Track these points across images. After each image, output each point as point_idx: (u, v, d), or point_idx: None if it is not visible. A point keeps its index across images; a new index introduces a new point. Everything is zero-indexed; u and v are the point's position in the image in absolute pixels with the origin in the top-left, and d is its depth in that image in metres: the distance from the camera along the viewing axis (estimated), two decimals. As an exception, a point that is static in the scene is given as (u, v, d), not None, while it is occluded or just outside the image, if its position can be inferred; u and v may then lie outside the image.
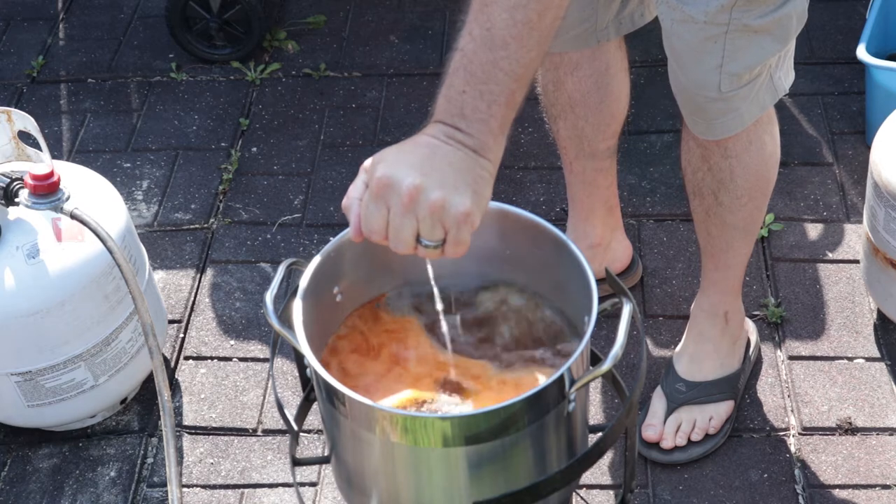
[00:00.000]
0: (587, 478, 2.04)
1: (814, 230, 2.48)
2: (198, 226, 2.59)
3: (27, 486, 2.11)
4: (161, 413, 1.84)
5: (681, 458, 2.08)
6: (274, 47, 3.06)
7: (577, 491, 1.97)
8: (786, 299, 2.34)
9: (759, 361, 2.23)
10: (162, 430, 1.96)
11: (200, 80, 2.98)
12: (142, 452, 2.15)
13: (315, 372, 1.33)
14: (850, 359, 2.23)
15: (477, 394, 1.40)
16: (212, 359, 2.31)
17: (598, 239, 2.27)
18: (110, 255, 1.83)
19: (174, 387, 2.26)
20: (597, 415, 2.15)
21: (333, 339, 1.49)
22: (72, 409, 2.08)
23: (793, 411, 2.15)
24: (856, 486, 2.03)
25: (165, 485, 2.08)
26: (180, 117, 2.87)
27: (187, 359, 2.31)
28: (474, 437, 1.30)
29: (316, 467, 2.10)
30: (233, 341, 2.34)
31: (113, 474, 2.12)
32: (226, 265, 2.50)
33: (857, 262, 2.39)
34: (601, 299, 1.35)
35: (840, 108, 2.76)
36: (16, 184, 1.88)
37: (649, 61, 2.88)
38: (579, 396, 1.36)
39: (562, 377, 1.30)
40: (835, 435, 2.11)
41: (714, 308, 2.10)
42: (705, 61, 1.73)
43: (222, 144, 2.79)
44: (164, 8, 2.96)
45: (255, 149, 2.77)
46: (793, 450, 2.09)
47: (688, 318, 2.17)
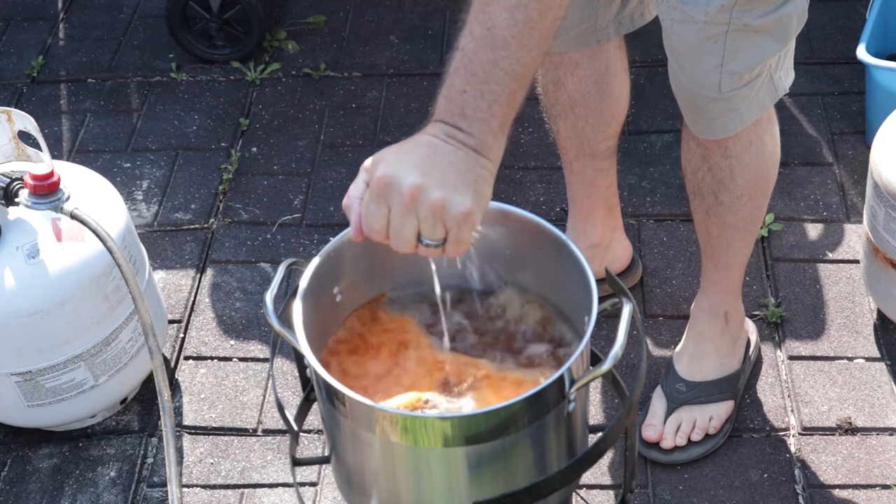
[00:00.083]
0: (587, 478, 2.04)
1: (814, 230, 2.48)
2: (198, 226, 2.59)
3: (27, 486, 2.11)
4: (161, 413, 1.84)
5: (681, 458, 2.08)
6: (274, 47, 3.06)
7: (577, 491, 1.97)
8: (786, 299, 2.34)
9: (759, 361, 2.23)
10: (162, 430, 1.96)
11: (200, 80, 2.98)
12: (142, 452, 2.15)
13: (315, 372, 1.33)
14: (850, 359, 2.23)
15: (477, 394, 1.40)
16: (212, 359, 2.31)
17: (598, 239, 2.27)
18: (110, 255, 1.83)
19: (174, 387, 2.25)
20: (597, 415, 2.15)
21: (333, 339, 1.48)
22: (72, 409, 2.08)
23: (793, 411, 2.15)
24: (856, 486, 2.03)
25: (165, 485, 2.08)
26: (180, 117, 2.87)
27: (187, 359, 2.31)
28: (474, 437, 1.30)
29: (316, 467, 2.09)
30: (233, 341, 2.34)
31: (113, 474, 2.12)
32: (226, 265, 2.50)
33: (857, 262, 2.38)
34: (601, 299, 1.35)
35: (840, 108, 2.76)
36: (16, 184, 1.88)
37: (649, 61, 2.88)
38: (579, 396, 1.36)
39: (562, 377, 1.30)
40: (835, 435, 2.11)
41: (714, 308, 2.10)
42: (705, 61, 1.73)
43: (222, 144, 2.79)
44: (164, 8, 2.96)
45: (255, 149, 2.77)
46: (793, 450, 2.09)
47: (688, 318, 2.17)
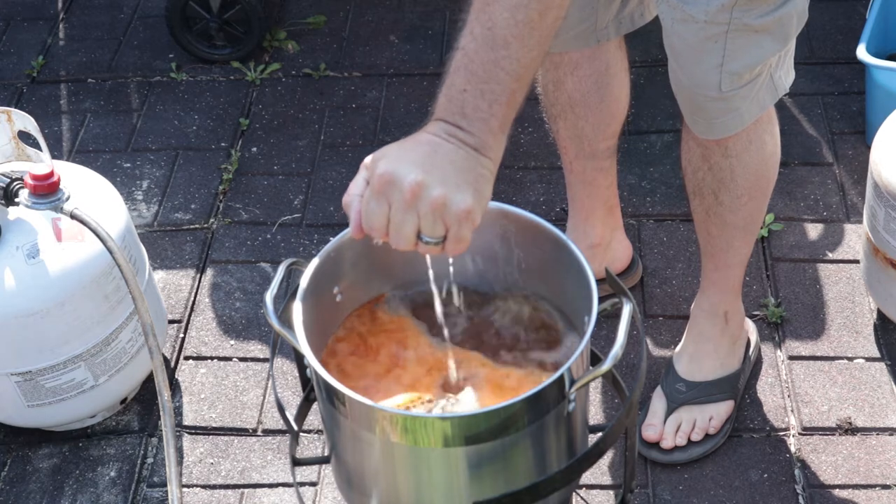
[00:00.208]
0: (587, 478, 2.04)
1: (814, 230, 2.48)
2: (198, 226, 2.59)
3: (27, 486, 2.11)
4: (161, 413, 1.84)
5: (681, 458, 2.07)
6: (274, 47, 3.06)
7: (577, 491, 1.96)
8: (786, 299, 2.34)
9: (759, 361, 2.23)
10: (162, 430, 1.96)
11: (200, 80, 2.98)
12: (142, 452, 2.15)
13: (315, 372, 1.33)
14: (850, 359, 2.23)
15: (477, 393, 1.40)
16: (212, 359, 2.31)
17: (598, 239, 2.27)
18: (110, 255, 1.83)
19: (174, 387, 2.25)
20: (597, 415, 2.15)
21: (332, 339, 1.48)
22: (72, 409, 2.08)
23: (793, 411, 2.15)
24: (856, 486, 2.03)
25: (165, 485, 2.08)
26: (180, 117, 2.87)
27: (187, 359, 2.31)
28: (474, 437, 1.29)
29: (316, 467, 2.09)
30: (233, 341, 2.34)
31: (113, 474, 2.12)
32: (226, 265, 2.50)
33: (857, 262, 2.38)
34: (601, 299, 1.35)
35: (840, 108, 2.76)
36: (16, 184, 1.88)
37: (649, 61, 2.88)
38: (579, 396, 1.36)
39: (562, 377, 1.30)
40: (835, 435, 2.11)
41: (714, 308, 2.10)
42: (706, 60, 1.73)
43: (222, 144, 2.79)
44: (164, 8, 2.96)
45: (255, 149, 2.77)
46: (793, 450, 2.09)
47: (688, 318, 2.17)
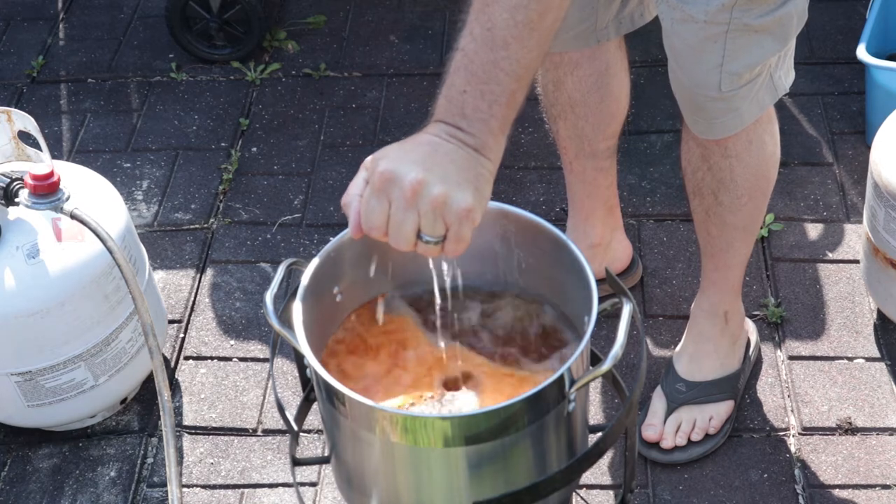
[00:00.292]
0: (587, 478, 2.04)
1: (814, 230, 2.48)
2: (198, 226, 2.59)
3: (27, 486, 2.11)
4: (161, 413, 1.84)
5: (681, 458, 2.07)
6: (274, 47, 3.06)
7: (577, 491, 1.96)
8: (786, 299, 2.34)
9: (759, 361, 2.23)
10: (162, 430, 1.96)
11: (200, 80, 2.98)
12: (142, 452, 2.15)
13: (315, 372, 1.33)
14: (850, 359, 2.23)
15: (477, 393, 1.40)
16: (212, 359, 2.31)
17: (598, 239, 2.27)
18: (110, 255, 1.83)
19: (174, 387, 2.25)
20: (597, 415, 2.15)
21: (332, 340, 1.48)
22: (72, 409, 2.08)
23: (793, 411, 2.15)
24: (856, 486, 2.03)
25: (165, 485, 2.08)
26: (180, 117, 2.87)
27: (187, 359, 2.31)
28: (474, 437, 1.29)
29: (316, 467, 2.09)
30: (233, 341, 2.34)
31: (113, 474, 2.12)
32: (226, 265, 2.50)
33: (857, 262, 2.38)
34: (601, 299, 1.35)
35: (840, 108, 2.76)
36: (16, 184, 1.88)
37: (649, 61, 2.88)
38: (579, 396, 1.36)
39: (562, 377, 1.30)
40: (835, 435, 2.11)
41: (714, 308, 2.10)
42: (705, 60, 1.73)
43: (222, 144, 2.79)
44: (164, 8, 2.96)
45: (255, 149, 2.77)
46: (793, 450, 2.09)
47: (688, 318, 2.17)
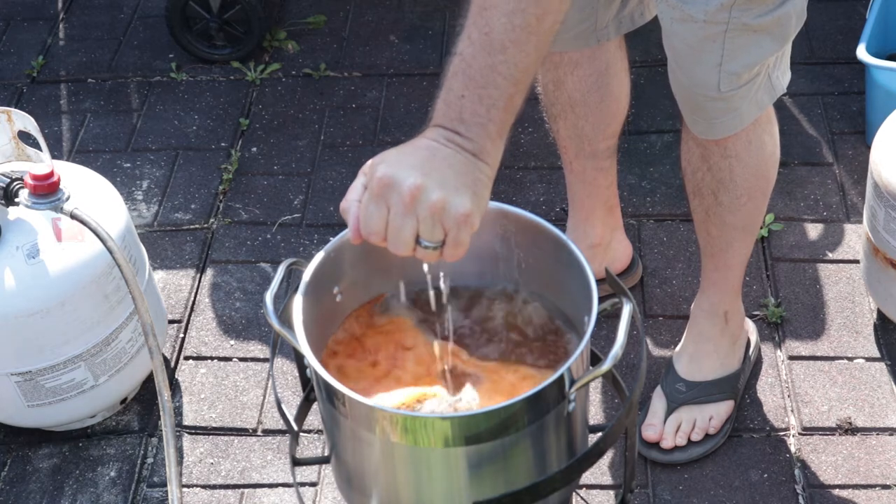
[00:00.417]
0: (587, 478, 2.04)
1: (814, 230, 2.48)
2: (198, 226, 2.59)
3: (27, 486, 2.11)
4: (161, 413, 1.84)
5: (681, 458, 2.07)
6: (274, 47, 3.06)
7: (577, 491, 1.96)
8: (786, 299, 2.34)
9: (759, 361, 2.23)
10: (162, 430, 1.96)
11: (200, 80, 2.98)
12: (142, 452, 2.15)
13: (315, 372, 1.33)
14: (850, 359, 2.23)
15: (476, 394, 1.40)
16: (212, 359, 2.31)
17: (598, 239, 2.27)
18: (110, 255, 1.83)
19: (174, 387, 2.25)
20: (597, 415, 2.15)
21: (332, 340, 1.48)
22: (72, 409, 2.08)
23: (793, 411, 2.15)
24: (856, 486, 2.03)
25: (165, 485, 2.08)
26: (180, 117, 2.87)
27: (187, 359, 2.31)
28: (474, 437, 1.29)
29: (316, 467, 2.09)
30: (233, 341, 2.34)
31: (113, 474, 2.12)
32: (226, 265, 2.50)
33: (857, 262, 2.38)
34: (601, 299, 1.35)
35: (840, 108, 2.76)
36: (16, 184, 1.88)
37: (649, 61, 2.88)
38: (579, 396, 1.36)
39: (562, 377, 1.30)
40: (835, 435, 2.11)
41: (714, 308, 2.10)
42: (705, 60, 1.73)
43: (222, 144, 2.79)
44: (164, 8, 2.96)
45: (255, 149, 2.77)
46: (793, 450, 2.09)
47: (688, 318, 2.17)
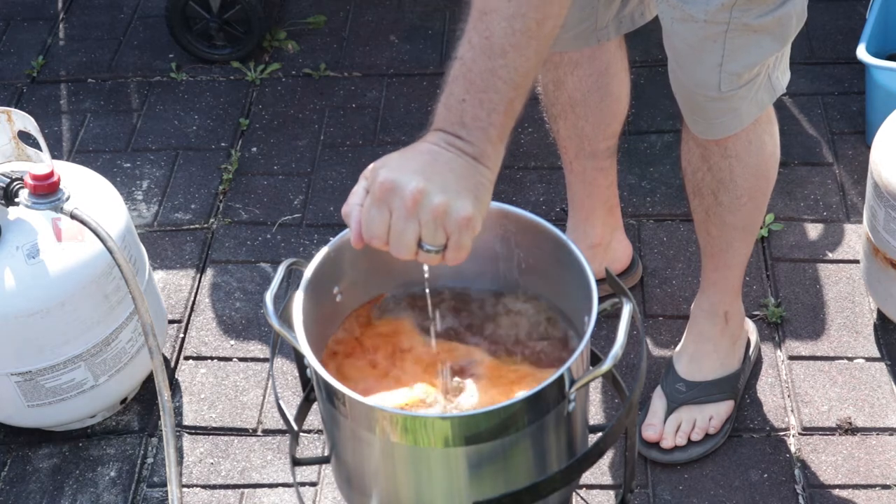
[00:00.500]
0: (587, 478, 2.04)
1: (814, 230, 2.48)
2: (198, 226, 2.59)
3: (27, 486, 2.11)
4: (161, 413, 1.84)
5: (681, 457, 2.07)
6: (274, 47, 3.06)
7: (577, 491, 1.96)
8: (786, 299, 2.34)
9: (759, 361, 2.23)
10: (162, 430, 1.96)
11: (200, 80, 2.98)
12: (142, 452, 2.15)
13: (315, 372, 1.33)
14: (850, 359, 2.23)
15: (476, 394, 1.40)
16: (212, 359, 2.31)
17: (598, 239, 2.27)
18: (110, 255, 1.83)
19: (174, 387, 2.25)
20: (597, 415, 2.15)
21: (332, 340, 1.48)
22: (72, 409, 2.08)
23: (793, 411, 2.15)
24: (856, 486, 2.03)
25: (165, 485, 2.08)
26: (180, 117, 2.87)
27: (187, 359, 2.31)
28: (474, 437, 1.30)
29: (316, 467, 2.09)
30: (233, 341, 2.34)
31: (113, 474, 2.12)
32: (226, 265, 2.50)
33: (857, 262, 2.38)
34: (601, 299, 1.35)
35: (840, 108, 2.76)
36: (16, 184, 1.88)
37: (649, 61, 2.88)
38: (579, 396, 1.36)
39: (562, 377, 1.30)
40: (835, 435, 2.11)
41: (714, 308, 2.10)
42: (705, 60, 1.73)
43: (222, 144, 2.79)
44: (164, 8, 2.96)
45: (255, 149, 2.77)
46: (793, 450, 2.09)
47: (688, 318, 2.17)
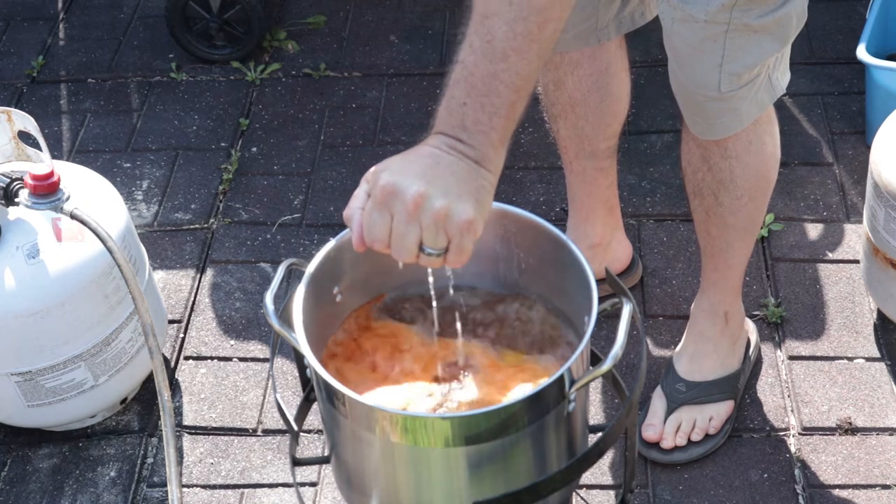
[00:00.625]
0: (587, 478, 2.04)
1: (814, 230, 2.48)
2: (198, 226, 2.59)
3: (27, 486, 2.11)
4: (161, 413, 1.84)
5: (681, 458, 2.07)
6: (274, 47, 3.06)
7: (577, 491, 1.97)
8: (786, 299, 2.34)
9: (759, 361, 2.23)
10: (162, 430, 1.96)
11: (200, 80, 2.98)
12: (142, 452, 2.15)
13: (315, 372, 1.33)
14: (850, 359, 2.23)
15: (476, 394, 1.40)
16: (212, 359, 2.31)
17: (598, 239, 2.27)
18: (110, 255, 1.83)
19: (174, 387, 2.25)
20: (597, 415, 2.15)
21: (332, 341, 1.48)
22: (72, 409, 2.08)
23: (793, 411, 2.15)
24: (856, 486, 2.03)
25: (165, 485, 2.08)
26: (180, 117, 2.87)
27: (187, 359, 2.31)
28: (474, 437, 1.30)
29: (316, 467, 2.09)
30: (233, 341, 2.34)
31: (113, 474, 2.12)
32: (226, 265, 2.50)
33: (857, 262, 2.38)
34: (601, 299, 1.35)
35: (840, 108, 2.76)
36: (16, 184, 1.88)
37: (649, 61, 2.88)
38: (579, 396, 1.36)
39: (562, 377, 1.30)
40: (835, 435, 2.11)
41: (714, 308, 2.10)
42: (705, 60, 1.73)
43: (222, 144, 2.79)
44: (164, 8, 2.96)
45: (255, 149, 2.77)
46: (793, 450, 2.09)
47: (688, 318, 2.17)
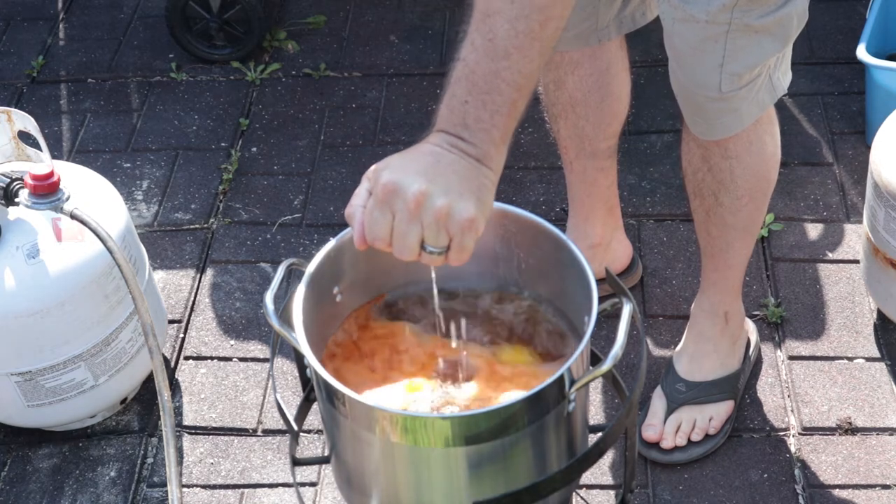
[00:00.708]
0: (587, 478, 2.04)
1: (814, 230, 2.48)
2: (198, 226, 2.59)
3: (27, 486, 2.11)
4: (161, 413, 1.84)
5: (681, 458, 2.07)
6: (274, 47, 3.06)
7: (577, 491, 1.96)
8: (786, 299, 2.34)
9: (759, 361, 2.23)
10: (162, 430, 1.96)
11: (200, 80, 2.98)
12: (142, 452, 2.15)
13: (315, 372, 1.33)
14: (850, 359, 2.23)
15: (476, 394, 1.40)
16: (212, 359, 2.31)
17: (598, 239, 2.27)
18: (110, 255, 1.83)
19: (174, 387, 2.25)
20: (597, 415, 2.15)
21: (331, 341, 1.48)
22: (72, 409, 2.08)
23: (793, 411, 2.15)
24: (856, 486, 2.03)
25: (165, 485, 2.08)
26: (180, 117, 2.87)
27: (187, 359, 2.31)
28: (474, 437, 1.30)
29: (316, 467, 2.10)
30: (233, 341, 2.34)
31: (113, 474, 2.12)
32: (226, 265, 2.50)
33: (857, 262, 2.38)
34: (601, 299, 1.35)
35: (840, 108, 2.76)
36: (16, 184, 1.88)
37: (649, 61, 2.88)
38: (579, 396, 1.36)
39: (562, 377, 1.30)
40: (835, 435, 2.11)
41: (714, 308, 2.10)
42: (706, 61, 1.73)
43: (222, 144, 2.79)
44: (164, 8, 2.96)
45: (255, 149, 2.77)
46: (793, 450, 2.09)
47: (688, 318, 2.17)
